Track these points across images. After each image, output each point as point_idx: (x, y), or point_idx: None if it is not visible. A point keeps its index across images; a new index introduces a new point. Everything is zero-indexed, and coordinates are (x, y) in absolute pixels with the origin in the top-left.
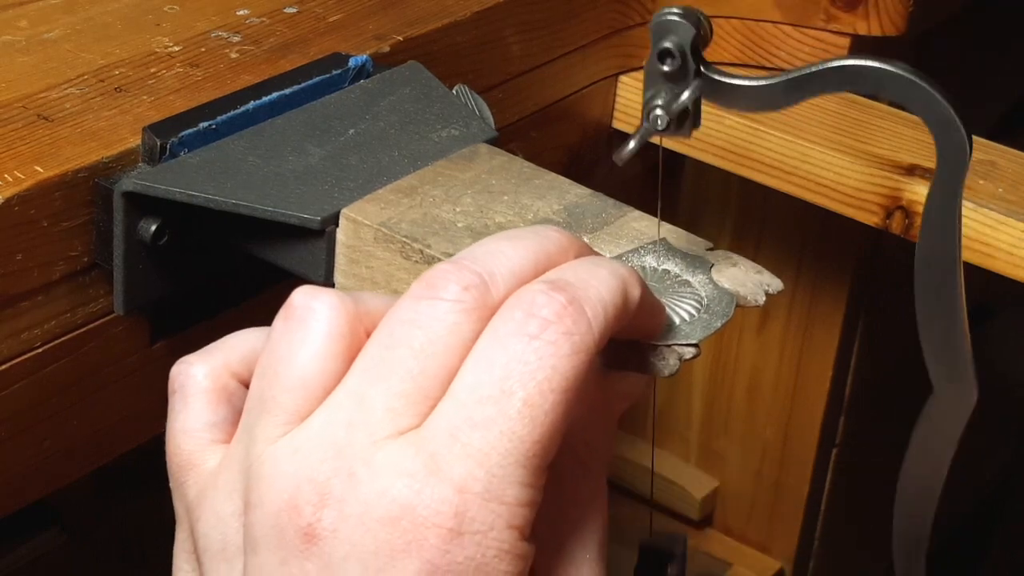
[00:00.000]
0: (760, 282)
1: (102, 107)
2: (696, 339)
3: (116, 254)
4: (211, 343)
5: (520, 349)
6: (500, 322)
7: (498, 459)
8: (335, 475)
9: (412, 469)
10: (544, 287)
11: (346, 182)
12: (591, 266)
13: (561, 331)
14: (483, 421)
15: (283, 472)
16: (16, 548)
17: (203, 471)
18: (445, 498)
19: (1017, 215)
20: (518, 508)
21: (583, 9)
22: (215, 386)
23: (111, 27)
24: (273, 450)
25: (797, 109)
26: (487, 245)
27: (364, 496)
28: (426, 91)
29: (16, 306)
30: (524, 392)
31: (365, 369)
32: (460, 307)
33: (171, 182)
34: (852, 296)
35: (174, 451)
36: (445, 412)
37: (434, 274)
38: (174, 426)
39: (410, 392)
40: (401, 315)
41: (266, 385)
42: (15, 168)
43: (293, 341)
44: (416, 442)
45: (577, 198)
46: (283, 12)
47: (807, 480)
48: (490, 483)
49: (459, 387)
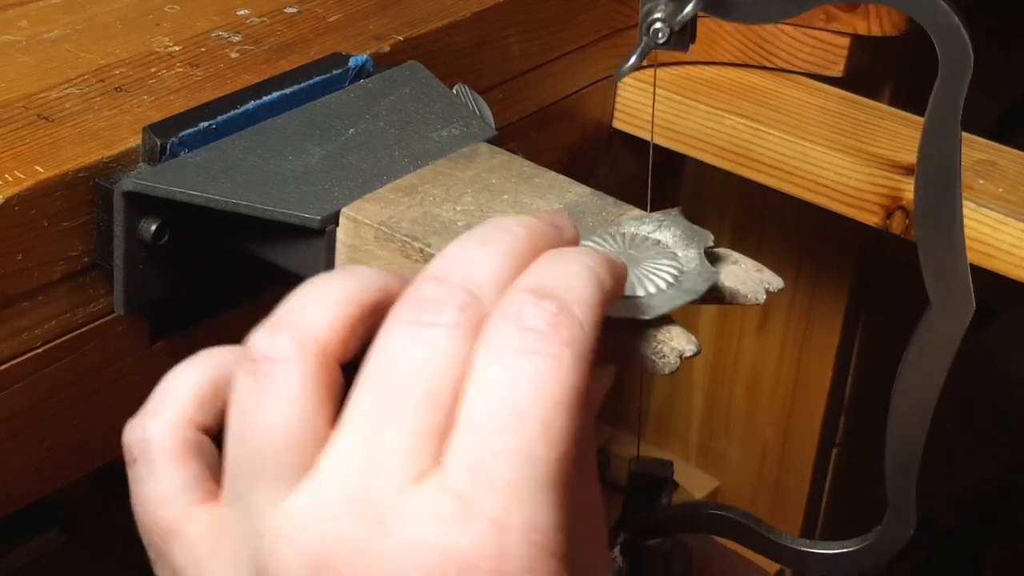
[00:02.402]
0: (760, 280)
1: (102, 107)
2: (654, 314)
3: (116, 254)
4: (153, 396)
5: (523, 368)
6: (495, 339)
7: (527, 487)
8: (364, 530)
9: (446, 513)
10: (530, 297)
11: (346, 181)
12: (562, 264)
13: (559, 342)
14: (504, 451)
15: (306, 533)
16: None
17: (190, 537)
18: (484, 539)
19: (1017, 215)
20: (553, 535)
21: (583, 9)
22: (178, 444)
23: (111, 27)
24: (287, 511)
25: (797, 109)
26: (460, 252)
27: (400, 550)
28: (426, 91)
29: (16, 306)
30: (538, 412)
31: (373, 411)
32: (459, 332)
33: (171, 182)
34: (852, 296)
35: (153, 521)
36: (464, 446)
37: (423, 295)
38: (145, 494)
39: (424, 431)
40: (399, 345)
41: (255, 448)
42: (15, 168)
43: (266, 395)
44: (442, 483)
45: (577, 197)
46: (283, 12)
47: (807, 480)
48: (524, 514)
49: (471, 417)
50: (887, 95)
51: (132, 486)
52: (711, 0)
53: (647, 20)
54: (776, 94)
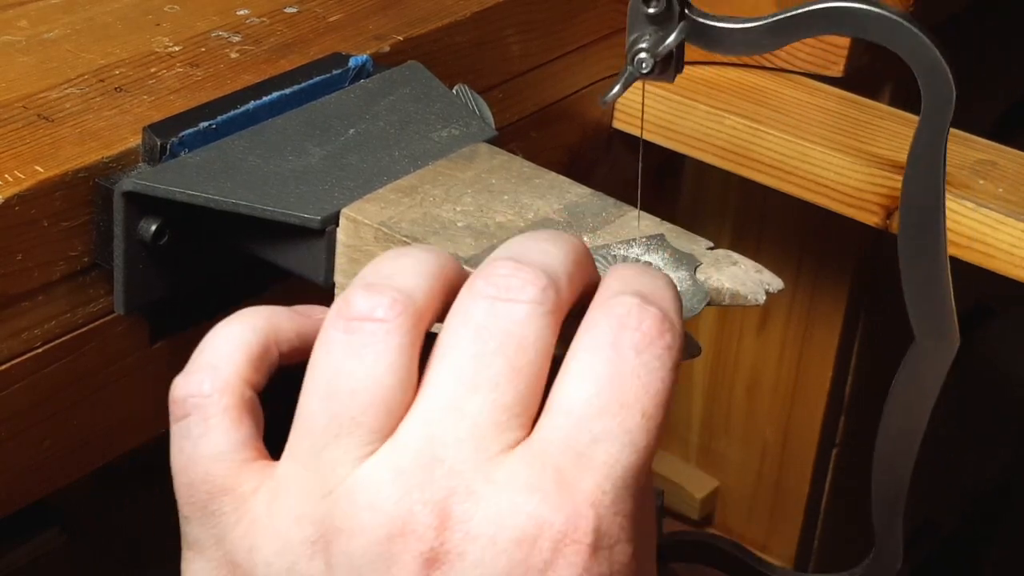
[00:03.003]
0: (760, 281)
1: (102, 107)
2: None
3: (116, 254)
4: (199, 350)
5: (631, 362)
6: (603, 331)
7: (621, 472)
8: (452, 495)
9: (541, 484)
10: (636, 300)
11: (346, 182)
12: (653, 277)
13: (663, 345)
14: (604, 434)
15: (387, 496)
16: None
17: (242, 495)
18: (583, 513)
19: (1017, 215)
20: (633, 520)
21: (583, 9)
22: (235, 401)
23: (111, 27)
24: (367, 473)
25: (797, 109)
26: (530, 244)
27: (492, 515)
28: (426, 91)
29: (16, 306)
30: (641, 404)
31: (458, 379)
32: (542, 310)
33: (171, 182)
34: (852, 296)
35: (203, 479)
36: (561, 425)
37: (498, 272)
38: (198, 451)
39: (511, 404)
40: (479, 318)
41: (341, 406)
42: (15, 168)
43: (364, 353)
44: (536, 456)
45: (577, 197)
46: (283, 12)
47: (807, 480)
48: (616, 496)
49: (571, 400)
50: (887, 95)
51: (179, 441)
52: (696, 31)
53: (632, 49)
54: (776, 94)
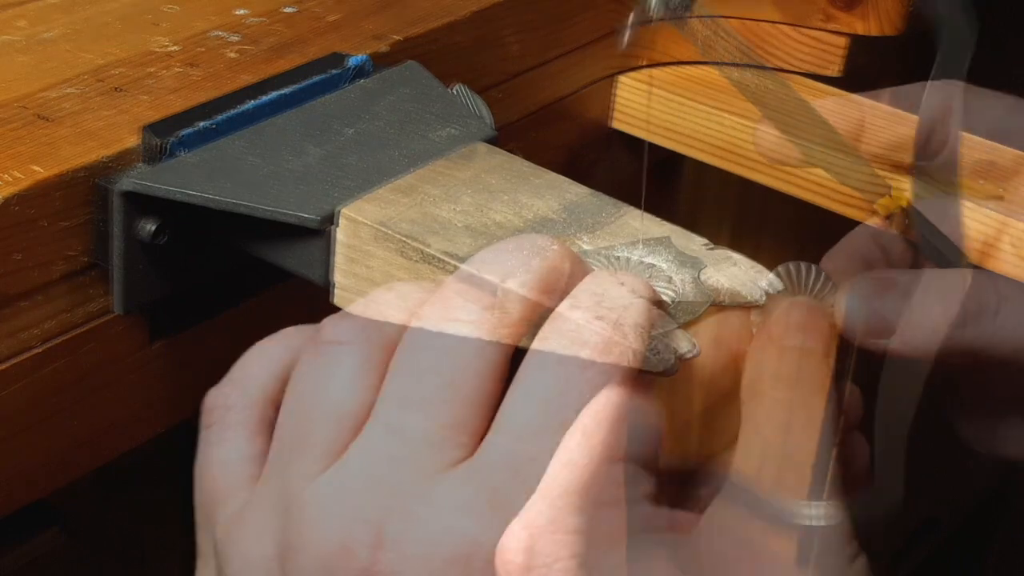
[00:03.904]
0: (759, 281)
1: (101, 107)
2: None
3: (115, 254)
4: (236, 364)
5: (574, 380)
6: (543, 348)
7: (559, 490)
8: (389, 514)
9: (476, 505)
10: (586, 314)
11: (345, 181)
12: (613, 286)
13: (611, 358)
14: (541, 453)
15: (330, 513)
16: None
17: (232, 509)
18: (515, 534)
19: (1017, 215)
20: (578, 536)
21: (582, 9)
22: (253, 417)
23: (110, 27)
24: (315, 489)
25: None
26: (491, 256)
27: (426, 536)
28: (425, 91)
29: (15, 306)
30: (581, 422)
31: (399, 399)
32: (484, 328)
33: (170, 182)
34: None
35: (210, 483)
36: (500, 444)
37: (444, 294)
38: (211, 459)
39: (449, 423)
40: (422, 339)
41: (298, 420)
42: (14, 168)
43: (323, 374)
44: (473, 476)
45: (576, 197)
46: (282, 12)
47: None
48: (554, 515)
49: (510, 418)
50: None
51: (202, 447)
52: None
53: None
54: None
